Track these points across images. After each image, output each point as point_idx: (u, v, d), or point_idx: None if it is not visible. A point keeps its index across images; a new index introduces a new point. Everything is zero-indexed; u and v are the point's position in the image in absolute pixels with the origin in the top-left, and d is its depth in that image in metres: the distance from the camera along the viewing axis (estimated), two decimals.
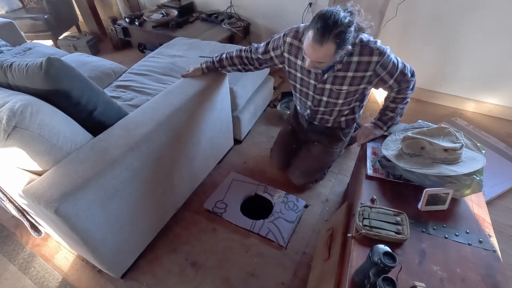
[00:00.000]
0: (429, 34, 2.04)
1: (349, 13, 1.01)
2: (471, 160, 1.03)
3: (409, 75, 1.21)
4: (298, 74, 1.31)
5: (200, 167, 1.59)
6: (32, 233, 1.27)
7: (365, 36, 1.12)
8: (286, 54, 1.27)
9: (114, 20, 2.91)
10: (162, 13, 2.62)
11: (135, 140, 1.08)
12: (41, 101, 0.98)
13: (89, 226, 0.99)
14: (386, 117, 1.32)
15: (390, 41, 2.17)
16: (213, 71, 1.47)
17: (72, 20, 3.17)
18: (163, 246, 1.42)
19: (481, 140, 1.92)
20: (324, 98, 1.32)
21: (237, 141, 1.96)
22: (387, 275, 0.70)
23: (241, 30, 2.52)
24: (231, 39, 2.53)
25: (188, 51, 1.95)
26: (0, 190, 1.09)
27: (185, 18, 2.65)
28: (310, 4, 2.24)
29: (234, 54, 1.41)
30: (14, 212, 1.18)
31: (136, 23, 2.66)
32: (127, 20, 2.72)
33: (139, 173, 1.13)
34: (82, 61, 1.84)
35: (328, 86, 1.26)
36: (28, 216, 1.21)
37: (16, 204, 1.16)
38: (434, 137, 1.05)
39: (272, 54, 1.31)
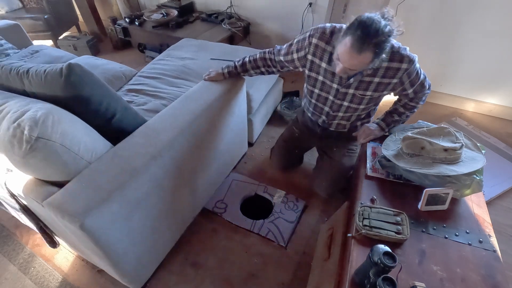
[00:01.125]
0: (429, 34, 2.04)
1: (389, 21, 0.99)
2: (471, 160, 1.03)
3: (427, 87, 1.22)
4: (320, 78, 1.26)
5: (218, 173, 1.56)
6: (48, 245, 1.24)
7: (395, 42, 1.10)
8: (310, 56, 1.22)
9: (114, 20, 2.91)
10: (162, 13, 2.62)
11: (157, 149, 1.04)
12: (61, 109, 0.93)
13: (112, 239, 0.95)
14: (391, 119, 1.31)
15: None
16: (234, 76, 1.42)
17: (72, 20, 3.17)
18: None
19: (481, 140, 1.92)
20: (345, 103, 1.28)
21: (249, 144, 1.93)
22: (387, 275, 0.70)
23: (241, 30, 2.52)
24: (231, 39, 2.53)
25: (198, 53, 1.92)
26: (17, 202, 1.05)
27: (185, 18, 2.65)
28: (310, 4, 2.24)
29: (257, 57, 1.37)
30: (30, 223, 1.14)
31: (136, 23, 2.66)
32: (127, 20, 2.73)
33: (161, 182, 1.09)
34: (92, 64, 1.81)
35: (351, 91, 1.22)
36: (45, 229, 1.18)
37: (37, 217, 1.12)
38: (434, 137, 1.05)
39: (294, 56, 1.26)
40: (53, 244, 1.24)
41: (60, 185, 0.94)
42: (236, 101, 1.44)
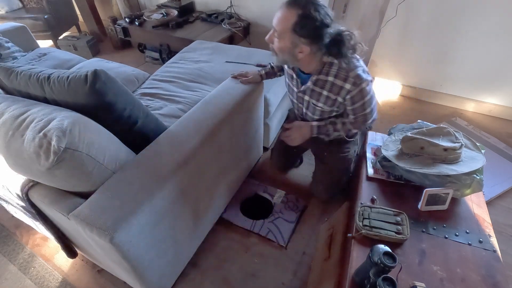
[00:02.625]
0: (429, 34, 2.04)
1: (331, 21, 0.99)
2: (471, 160, 1.03)
3: (369, 122, 1.21)
4: (287, 80, 1.32)
5: (236, 179, 1.55)
6: (67, 256, 1.21)
7: (354, 62, 1.07)
8: None
9: (114, 20, 2.91)
10: (162, 13, 2.62)
11: (182, 156, 1.01)
12: (86, 117, 0.90)
13: (139, 252, 0.92)
14: (325, 128, 1.27)
15: (390, 41, 2.17)
16: (271, 76, 1.43)
17: (72, 20, 3.17)
18: None
19: (481, 140, 1.92)
20: (305, 110, 1.32)
21: (264, 149, 1.89)
22: (387, 275, 0.70)
23: (241, 30, 2.52)
24: (231, 39, 2.53)
25: (212, 55, 1.88)
26: (38, 213, 1.02)
27: (185, 18, 2.65)
28: None
29: None
30: (48, 233, 1.11)
31: (136, 23, 2.65)
32: (127, 20, 2.72)
33: (185, 191, 1.06)
34: (103, 68, 1.77)
35: (307, 98, 1.24)
36: (64, 239, 1.15)
37: (57, 228, 1.09)
38: (433, 137, 1.05)
39: None
40: (72, 254, 1.22)
41: (83, 195, 0.91)
42: (255, 105, 1.43)
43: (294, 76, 1.23)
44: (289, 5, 0.98)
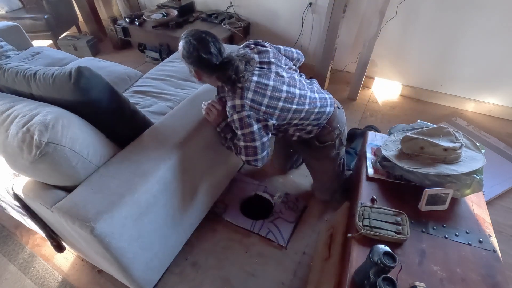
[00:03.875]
0: (429, 34, 2.04)
1: (219, 59, 1.05)
2: (471, 160, 1.03)
3: (243, 156, 1.16)
4: None
5: (224, 175, 1.56)
6: (55, 250, 1.23)
7: (247, 86, 1.06)
8: None
9: (114, 20, 2.91)
10: (162, 13, 2.62)
11: (166, 151, 1.04)
12: (70, 113, 0.93)
13: (122, 244, 0.94)
14: (227, 129, 1.22)
15: (390, 41, 2.17)
16: None
17: (72, 20, 3.17)
18: None
19: (481, 140, 1.92)
20: None
21: None
22: (387, 275, 0.70)
23: (241, 30, 2.52)
24: (231, 39, 2.53)
25: None
26: (24, 207, 1.04)
27: (185, 18, 2.65)
28: (310, 4, 2.24)
29: None
30: (36, 227, 1.14)
31: (136, 23, 2.65)
32: (127, 20, 2.72)
33: (170, 185, 1.09)
34: (95, 66, 1.76)
35: None
36: (52, 234, 1.17)
37: (44, 222, 1.11)
38: (433, 137, 1.05)
39: None
40: (60, 249, 1.23)
41: (68, 190, 0.93)
42: None
43: None
44: (181, 37, 1.13)
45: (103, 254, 0.96)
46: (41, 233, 1.16)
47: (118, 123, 1.06)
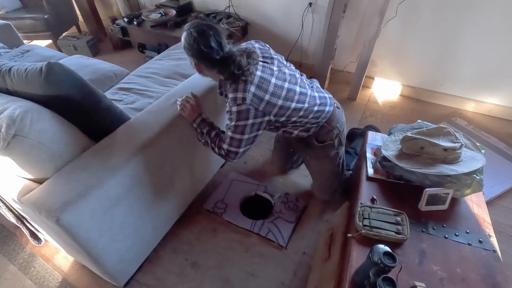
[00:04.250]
0: (429, 34, 2.04)
1: (220, 53, 1.05)
2: (471, 160, 1.03)
3: (224, 145, 1.15)
4: None
5: (203, 171, 1.57)
6: (32, 241, 1.25)
7: (250, 79, 1.07)
8: None
9: (114, 20, 2.91)
10: (160, 13, 2.62)
11: (138, 146, 1.06)
12: (42, 107, 0.95)
13: (91, 235, 0.96)
14: (203, 125, 1.22)
15: (390, 41, 2.17)
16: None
17: (72, 20, 3.17)
18: (164, 246, 1.42)
19: (481, 140, 1.92)
20: None
21: None
22: (387, 275, 0.70)
23: (239, 30, 2.52)
24: (229, 39, 2.52)
25: None
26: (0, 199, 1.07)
27: (183, 17, 2.65)
28: (310, 4, 2.24)
29: None
30: (13, 219, 1.16)
31: (135, 22, 2.66)
32: (125, 20, 2.72)
33: (143, 179, 1.10)
34: (82, 64, 1.82)
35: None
36: (27, 224, 1.19)
37: (16, 213, 1.13)
38: (433, 137, 1.05)
39: None
40: (37, 240, 1.26)
41: (41, 183, 0.96)
42: (219, 98, 1.45)
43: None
44: (184, 30, 1.13)
45: (72, 245, 0.99)
46: (20, 226, 1.18)
47: (93, 118, 1.08)
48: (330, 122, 1.29)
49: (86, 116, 1.06)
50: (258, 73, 1.09)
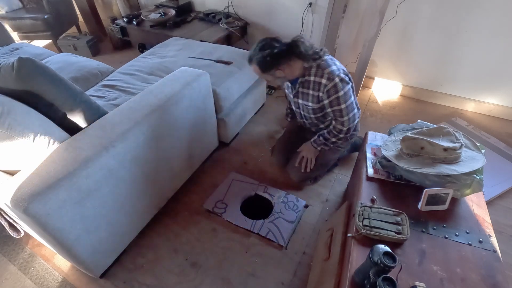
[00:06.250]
0: (429, 34, 2.04)
1: (285, 45, 1.27)
2: (471, 160, 1.03)
3: (346, 121, 1.38)
4: (288, 93, 1.57)
5: (183, 167, 1.58)
6: (11, 233, 1.26)
7: (327, 61, 1.31)
8: None
9: (114, 20, 2.91)
10: (159, 13, 2.62)
11: (110, 140, 1.08)
12: (15, 101, 0.99)
13: (61, 225, 0.99)
14: (320, 141, 1.51)
15: (390, 41, 2.17)
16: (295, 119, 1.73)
17: (72, 20, 3.17)
18: (164, 246, 1.42)
19: (481, 140, 1.92)
20: (302, 112, 1.53)
21: (224, 144, 1.94)
22: (387, 275, 0.70)
23: (238, 30, 2.52)
24: (228, 39, 2.53)
25: (180, 51, 1.96)
26: None
27: (182, 17, 2.65)
28: (310, 4, 2.24)
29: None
30: None
31: (134, 22, 2.66)
32: (125, 19, 2.72)
33: (116, 173, 1.12)
34: (68, 61, 1.85)
35: (300, 101, 1.46)
36: (6, 216, 1.21)
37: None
38: (433, 137, 1.05)
39: None
40: (16, 232, 1.26)
41: (13, 174, 0.99)
42: (198, 94, 1.47)
43: (289, 84, 1.48)
44: (249, 62, 1.35)
45: (43, 234, 1.01)
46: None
47: (68, 112, 1.11)
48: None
49: (61, 110, 1.09)
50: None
